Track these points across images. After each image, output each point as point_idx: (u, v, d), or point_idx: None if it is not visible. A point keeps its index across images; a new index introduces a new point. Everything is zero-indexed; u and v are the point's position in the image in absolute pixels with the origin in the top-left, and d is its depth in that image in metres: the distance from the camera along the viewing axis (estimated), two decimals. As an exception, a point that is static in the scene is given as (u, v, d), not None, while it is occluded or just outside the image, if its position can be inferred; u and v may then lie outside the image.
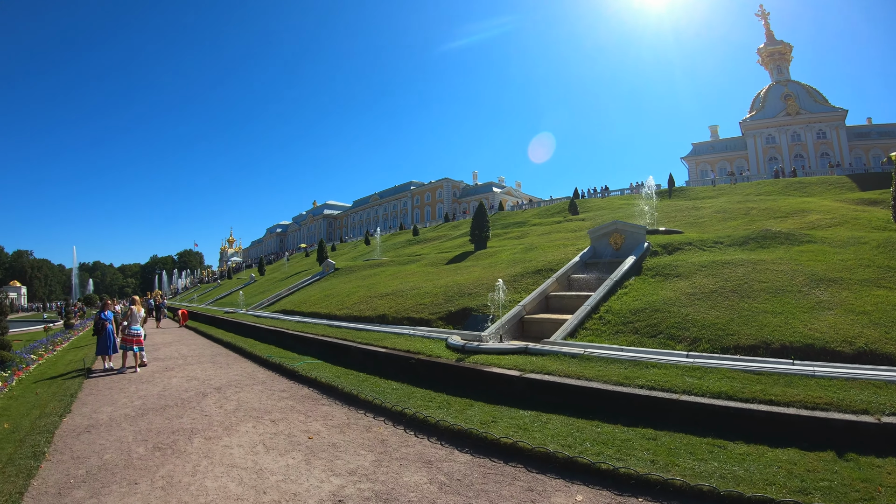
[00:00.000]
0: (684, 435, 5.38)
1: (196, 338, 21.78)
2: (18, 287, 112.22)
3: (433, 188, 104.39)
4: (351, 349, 11.87)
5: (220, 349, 17.05)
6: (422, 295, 15.96)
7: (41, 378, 12.76)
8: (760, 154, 73.88)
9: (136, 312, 13.65)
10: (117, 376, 12.38)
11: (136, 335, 13.39)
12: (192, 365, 13.55)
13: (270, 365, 12.47)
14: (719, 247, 14.22)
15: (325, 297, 23.25)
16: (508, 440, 5.60)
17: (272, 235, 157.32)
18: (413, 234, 56.28)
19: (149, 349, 17.19)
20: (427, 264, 26.04)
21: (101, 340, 13.71)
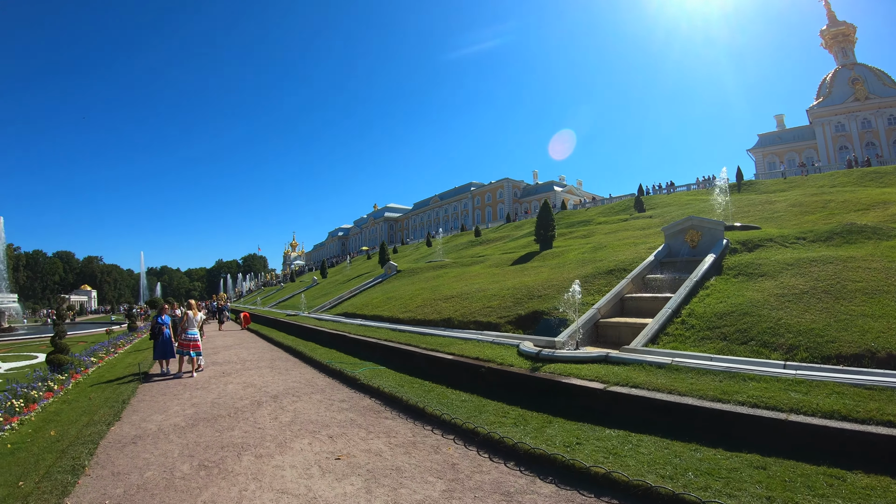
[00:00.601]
0: (795, 462, 4.67)
1: (257, 341, 21.84)
2: (89, 291, 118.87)
3: (493, 189, 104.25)
4: (415, 355, 11.34)
5: (279, 353, 16.86)
6: (488, 297, 15.46)
7: (98, 381, 12.87)
8: (830, 143, 68.97)
9: (192, 316, 13.49)
10: (173, 381, 12.25)
11: (193, 339, 13.28)
12: (250, 370, 13.28)
13: (331, 371, 12.01)
14: (802, 243, 13.39)
15: (387, 299, 22.94)
16: (600, 469, 4.83)
17: (334, 239, 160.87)
18: (475, 235, 55.52)
19: (209, 352, 17.27)
20: (491, 265, 25.45)
21: (159, 345, 13.73)
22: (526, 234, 40.38)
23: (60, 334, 13.90)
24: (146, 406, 9.58)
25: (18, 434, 8.19)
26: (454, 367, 9.72)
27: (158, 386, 11.70)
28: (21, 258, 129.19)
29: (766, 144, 76.18)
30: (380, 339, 13.83)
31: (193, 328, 13.38)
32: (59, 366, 13.32)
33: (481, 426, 6.43)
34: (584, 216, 47.20)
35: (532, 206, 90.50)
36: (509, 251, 31.76)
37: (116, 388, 11.50)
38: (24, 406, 9.91)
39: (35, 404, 10.22)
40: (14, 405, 9.63)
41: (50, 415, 9.63)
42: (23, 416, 9.37)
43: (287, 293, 59.24)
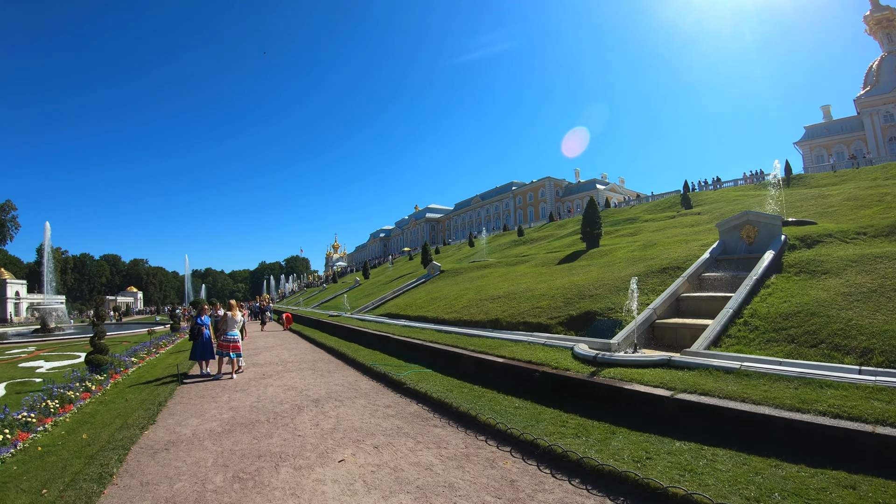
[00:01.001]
0: (885, 481, 4.24)
1: (299, 342, 21.68)
2: (135, 292, 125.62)
3: (535, 188, 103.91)
4: (463, 358, 10.94)
5: (322, 354, 16.56)
6: (537, 297, 15.19)
7: (137, 382, 12.78)
8: (879, 133, 65.37)
9: (232, 317, 13.25)
10: (212, 383, 12.02)
11: (232, 340, 13.04)
12: (291, 372, 12.95)
13: (375, 374, 11.57)
14: (863, 238, 13.02)
15: (431, 300, 22.89)
16: (679, 490, 4.30)
17: (376, 240, 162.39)
18: (518, 235, 55.56)
19: (250, 353, 17.13)
20: (537, 265, 25.34)
21: (198, 345, 13.56)
22: (570, 232, 40.74)
23: (100, 335, 13.86)
24: (182, 409, 9.29)
25: (51, 436, 8.01)
26: (505, 371, 9.35)
27: (197, 388, 11.46)
28: (69, 261, 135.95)
29: (813, 137, 73.02)
30: (425, 340, 13.48)
31: (234, 329, 13.15)
32: (98, 366, 13.29)
33: (540, 437, 5.87)
34: (629, 214, 46.59)
35: (574, 205, 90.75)
36: (554, 250, 31.75)
37: (154, 389, 11.32)
38: (60, 407, 9.80)
39: (71, 405, 10.11)
40: (49, 406, 9.51)
41: (85, 416, 9.47)
42: (58, 417, 9.25)
43: (329, 294, 59.85)
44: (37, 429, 8.36)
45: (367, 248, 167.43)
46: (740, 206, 29.08)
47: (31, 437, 7.94)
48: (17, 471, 6.27)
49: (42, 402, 9.42)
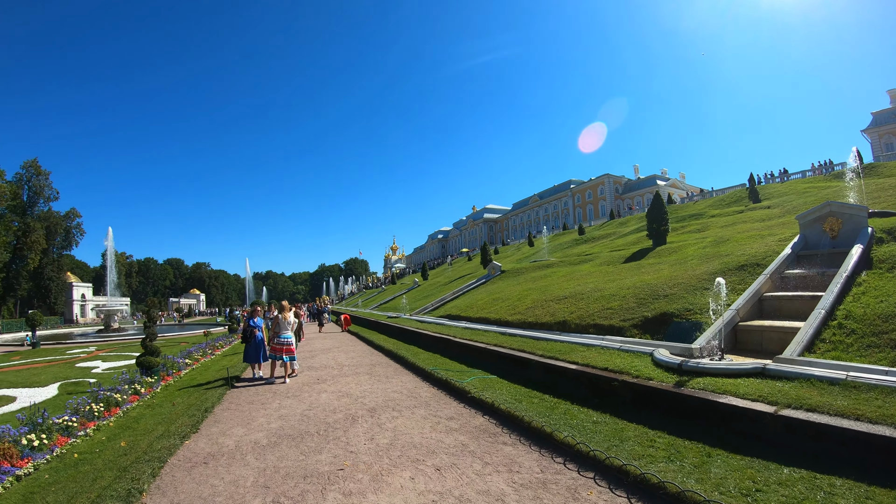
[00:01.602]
0: None
1: (356, 344, 21.29)
2: (198, 294, 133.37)
3: (594, 185, 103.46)
4: (531, 363, 10.19)
5: (380, 357, 16.01)
6: (606, 298, 14.59)
7: (188, 385, 12.57)
8: None
9: (283, 319, 12.85)
10: (263, 387, 11.57)
11: (286, 343, 12.65)
12: (347, 377, 12.38)
13: (435, 380, 10.87)
14: None
15: (493, 300, 22.46)
16: None
17: (434, 241, 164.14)
18: (579, 234, 55.04)
19: (305, 356, 16.81)
20: (602, 263, 24.84)
21: (250, 348, 13.24)
22: (633, 230, 40.64)
23: (151, 336, 13.74)
24: (229, 416, 8.80)
25: (90, 442, 7.77)
26: (579, 379, 8.63)
27: (247, 392, 11.03)
28: (133, 265, 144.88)
29: (882, 123, 67.73)
30: (488, 343, 12.82)
31: (286, 331, 12.76)
32: (149, 368, 13.18)
33: (630, 463, 5.03)
34: (694, 209, 45.16)
35: (635, 202, 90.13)
36: (618, 248, 30.97)
37: (203, 393, 11.00)
38: (105, 410, 9.59)
39: (117, 408, 9.90)
40: (93, 409, 9.28)
41: (130, 421, 9.21)
42: (101, 421, 9.03)
43: (388, 295, 60.41)
44: (77, 433, 8.18)
45: (425, 249, 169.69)
46: (812, 199, 28.58)
47: (71, 443, 7.74)
48: (48, 480, 6.02)
49: (86, 406, 9.24)
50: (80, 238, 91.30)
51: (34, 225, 78.28)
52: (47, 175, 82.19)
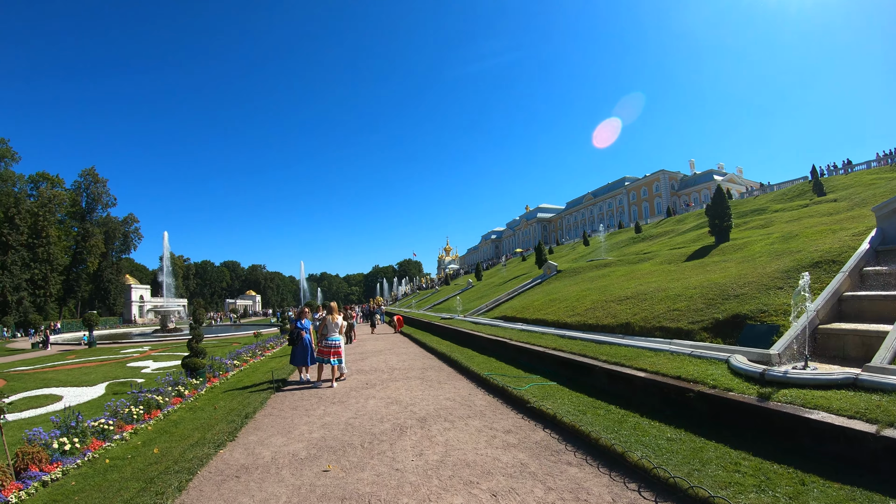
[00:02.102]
0: None
1: (409, 346, 20.89)
2: (254, 296, 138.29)
3: (649, 182, 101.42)
4: (594, 370, 9.43)
5: (432, 360, 15.46)
6: (671, 298, 13.95)
7: (234, 387, 12.41)
8: None
9: (331, 321, 12.46)
10: (309, 392, 11.19)
11: (333, 346, 12.23)
12: (397, 381, 11.85)
13: (491, 387, 10.19)
14: None
15: (549, 301, 21.81)
16: None
17: (487, 242, 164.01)
18: (636, 232, 54.71)
19: (356, 358, 16.52)
20: (662, 262, 24.13)
21: (297, 350, 12.94)
22: (693, 227, 40.25)
23: (197, 338, 13.64)
24: (270, 423, 8.39)
25: (125, 447, 7.67)
26: (648, 389, 7.87)
27: (292, 397, 10.66)
28: (191, 268, 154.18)
29: None
30: (547, 347, 12.09)
31: (334, 333, 12.34)
32: (194, 370, 13.08)
33: (718, 495, 4.29)
34: (755, 204, 44.00)
35: (692, 198, 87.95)
36: (678, 246, 30.32)
37: (247, 397, 10.72)
38: (145, 412, 9.48)
39: (158, 411, 9.80)
40: (133, 412, 9.15)
41: (169, 424, 9.10)
42: (140, 424, 8.95)
43: (441, 296, 60.34)
44: (114, 437, 8.08)
45: (478, 249, 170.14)
46: (881, 191, 27.85)
47: (105, 447, 7.58)
48: (73, 488, 5.91)
49: (125, 408, 9.08)
50: (137, 242, 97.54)
51: (93, 230, 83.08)
52: (104, 182, 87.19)
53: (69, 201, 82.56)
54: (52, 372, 19.34)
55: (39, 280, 71.09)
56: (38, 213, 70.40)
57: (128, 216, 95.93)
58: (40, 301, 71.65)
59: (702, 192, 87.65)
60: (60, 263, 76.54)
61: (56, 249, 74.15)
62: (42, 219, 70.61)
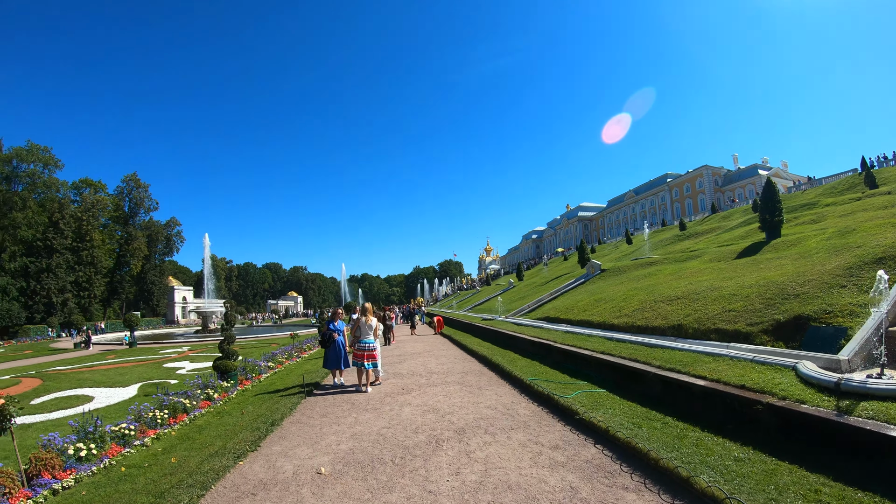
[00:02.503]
0: None
1: (449, 347, 20.29)
2: (295, 297, 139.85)
3: (692, 178, 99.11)
4: (647, 376, 8.72)
5: (472, 364, 14.79)
6: (725, 298, 13.36)
7: (265, 390, 12.07)
8: None
9: (365, 323, 11.92)
10: (342, 397, 10.68)
11: (367, 349, 11.64)
12: (436, 386, 11.22)
13: (535, 394, 9.47)
14: None
15: (594, 301, 21.38)
16: None
17: (528, 242, 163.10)
18: (680, 229, 54.08)
19: (394, 361, 16.09)
20: (711, 260, 23.39)
21: (330, 353, 12.42)
22: (740, 223, 39.14)
23: (228, 339, 13.35)
24: (296, 432, 7.88)
25: (144, 454, 7.37)
26: (709, 399, 7.08)
27: (323, 402, 10.17)
28: (233, 269, 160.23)
29: None
30: (594, 350, 11.32)
31: (368, 336, 11.77)
32: (225, 372, 12.77)
33: None
34: (804, 199, 42.56)
35: (736, 194, 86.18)
36: (726, 243, 29.75)
37: (277, 401, 10.28)
38: (171, 417, 9.20)
39: (184, 415, 9.54)
40: (157, 416, 8.86)
41: (192, 430, 8.76)
42: (165, 428, 8.69)
43: (482, 297, 59.95)
44: (134, 443, 7.76)
45: (519, 250, 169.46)
46: None
47: (124, 453, 7.34)
48: (83, 498, 5.66)
49: (149, 412, 8.80)
50: (180, 245, 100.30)
51: (135, 233, 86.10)
52: (146, 187, 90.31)
53: (112, 206, 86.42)
54: (88, 372, 19.50)
55: (84, 282, 74.12)
56: (82, 217, 73.42)
57: (170, 220, 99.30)
58: (85, 302, 74.74)
59: (746, 188, 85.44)
60: (104, 266, 79.78)
61: (100, 252, 77.40)
62: (86, 223, 73.70)
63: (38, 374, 19.44)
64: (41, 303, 66.02)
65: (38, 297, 65.79)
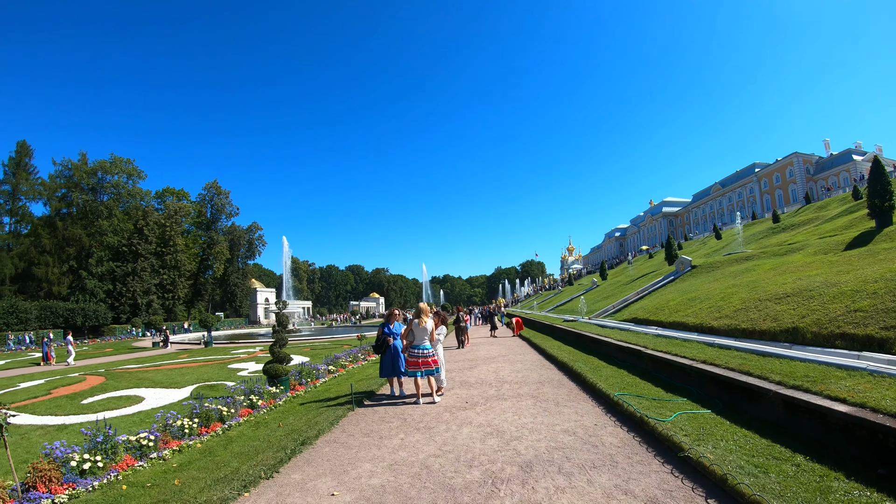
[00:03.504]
0: None
1: (526, 352, 18.63)
2: (377, 298, 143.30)
3: (781, 167, 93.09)
4: (766, 396, 6.65)
5: (551, 372, 13.00)
6: (847, 295, 11.88)
7: (317, 398, 11.13)
8: None
9: (418, 325, 10.30)
10: (395, 409, 9.34)
11: (422, 356, 10.08)
12: (505, 400, 9.55)
13: (623, 414, 7.65)
14: None
15: (687, 301, 19.94)
16: None
17: (611, 240, 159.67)
18: (773, 221, 51.94)
19: (463, 367, 14.82)
20: (816, 252, 22.38)
21: (385, 359, 10.94)
22: (841, 212, 37.45)
23: (280, 342, 12.72)
24: (327, 455, 6.55)
25: (157, 469, 6.67)
26: (853, 432, 5.05)
27: (372, 416, 8.84)
28: (315, 272, 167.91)
29: None
30: (693, 359, 9.27)
31: (424, 341, 10.21)
32: (275, 377, 11.98)
33: None
34: None
35: (831, 182, 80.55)
36: (829, 234, 28.86)
37: (320, 413, 9.17)
38: (203, 426, 8.45)
39: (218, 424, 8.72)
40: (184, 426, 8.08)
41: (220, 443, 7.93)
42: (191, 439, 7.97)
43: (564, 297, 59.44)
44: (150, 455, 7.10)
45: (602, 248, 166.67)
46: None
47: (136, 467, 6.70)
48: None
49: (176, 421, 8.06)
50: (262, 248, 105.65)
51: (216, 238, 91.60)
52: (227, 194, 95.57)
53: (195, 212, 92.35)
54: (151, 371, 19.51)
55: (168, 284, 79.85)
56: (165, 223, 79.02)
57: (252, 224, 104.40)
58: (169, 303, 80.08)
59: (840, 175, 79.56)
60: (188, 269, 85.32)
61: (183, 257, 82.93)
62: (169, 229, 79.29)
63: (105, 372, 19.63)
64: (127, 304, 71.70)
65: (124, 299, 71.55)
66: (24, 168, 66.54)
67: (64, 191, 70.30)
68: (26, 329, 51.82)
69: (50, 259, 66.21)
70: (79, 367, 22.81)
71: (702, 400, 7.79)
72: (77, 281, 67.76)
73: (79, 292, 66.77)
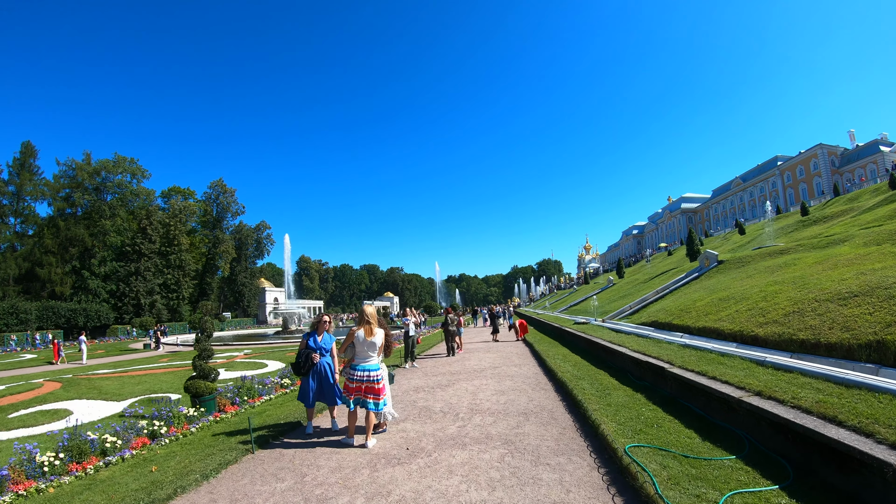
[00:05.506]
0: None
1: (524, 361, 15.67)
2: (391, 297, 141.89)
3: (805, 160, 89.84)
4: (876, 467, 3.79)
5: (544, 394, 10.05)
6: None
7: (238, 426, 8.35)
8: None
9: (362, 337, 7.22)
10: (301, 457, 6.62)
11: (368, 379, 7.07)
12: (462, 449, 6.58)
13: (637, 494, 4.67)
14: None
15: (718, 301, 17.12)
16: None
17: (628, 238, 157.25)
18: (802, 214, 48.96)
19: (439, 384, 12.06)
20: (867, 243, 20.27)
21: (306, 382, 7.95)
22: (879, 202, 35.81)
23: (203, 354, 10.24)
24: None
25: None
26: None
27: (260, 471, 6.07)
28: (329, 271, 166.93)
29: None
30: (742, 387, 6.33)
31: (370, 358, 7.22)
32: (196, 395, 9.58)
33: None
34: None
35: (856, 174, 78.42)
36: (872, 224, 26.77)
37: (207, 456, 6.60)
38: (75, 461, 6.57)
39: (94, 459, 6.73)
40: (46, 463, 6.34)
41: (72, 490, 5.85)
42: (50, 480, 6.09)
43: (579, 296, 57.37)
44: None
45: (619, 246, 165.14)
46: None
47: None
48: None
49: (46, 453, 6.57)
50: (270, 247, 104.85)
51: (222, 237, 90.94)
52: (232, 192, 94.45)
53: (201, 211, 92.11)
54: (108, 379, 17.95)
55: (172, 284, 79.20)
56: (170, 223, 78.86)
57: (260, 223, 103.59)
58: (174, 304, 79.35)
59: (867, 167, 76.44)
60: (193, 269, 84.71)
61: (188, 256, 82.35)
62: (173, 228, 78.91)
63: (68, 379, 18.52)
64: (130, 304, 71.04)
65: (127, 299, 70.94)
66: (28, 169, 66.26)
67: (67, 191, 70.10)
68: (26, 329, 51.10)
69: (53, 259, 66.07)
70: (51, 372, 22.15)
71: (760, 460, 5.03)
72: (80, 281, 67.40)
73: (81, 293, 66.37)
